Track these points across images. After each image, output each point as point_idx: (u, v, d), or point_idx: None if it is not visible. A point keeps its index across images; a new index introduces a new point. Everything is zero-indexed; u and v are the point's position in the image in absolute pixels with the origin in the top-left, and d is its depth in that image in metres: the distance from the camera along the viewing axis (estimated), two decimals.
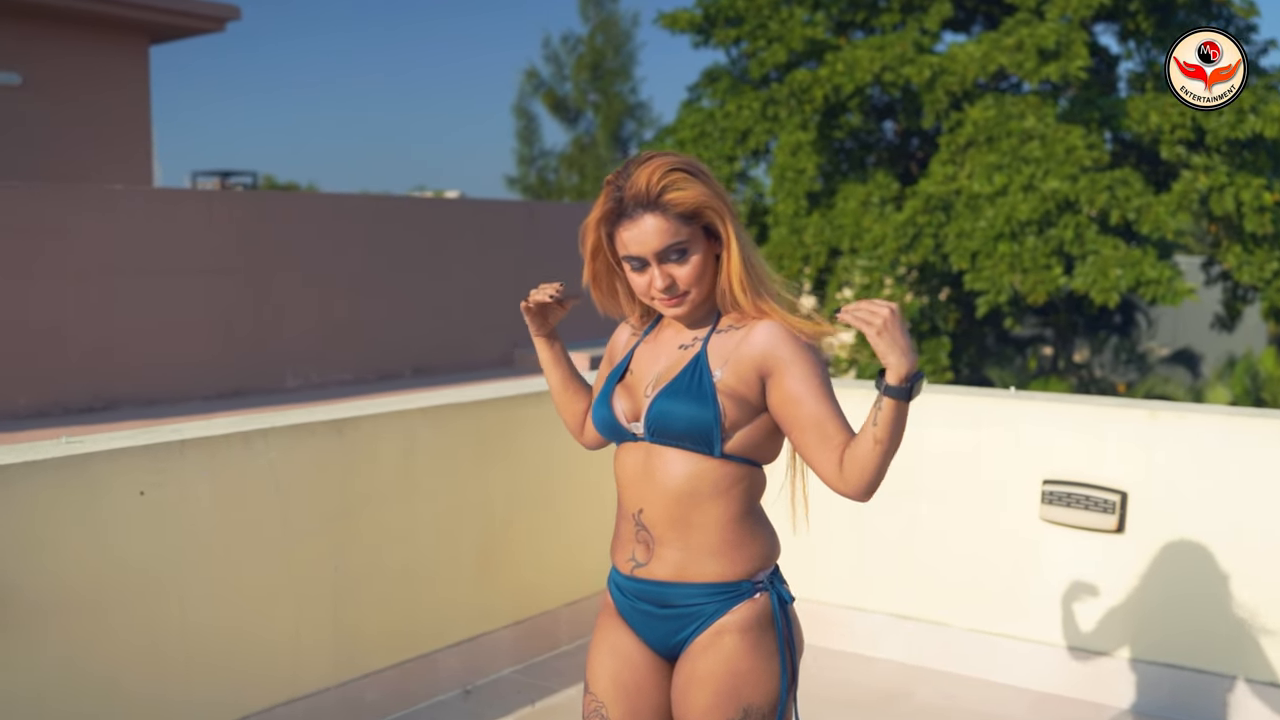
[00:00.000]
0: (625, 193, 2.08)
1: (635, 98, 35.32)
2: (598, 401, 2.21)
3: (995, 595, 4.19)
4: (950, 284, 16.90)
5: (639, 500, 2.14)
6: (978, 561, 4.21)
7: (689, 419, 2.06)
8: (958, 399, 4.24)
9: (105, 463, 3.09)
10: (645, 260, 2.08)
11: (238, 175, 29.46)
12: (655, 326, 2.27)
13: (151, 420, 7.22)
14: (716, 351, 2.12)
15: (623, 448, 2.18)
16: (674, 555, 2.11)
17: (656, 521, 2.12)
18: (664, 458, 2.11)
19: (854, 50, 16.75)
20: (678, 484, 2.10)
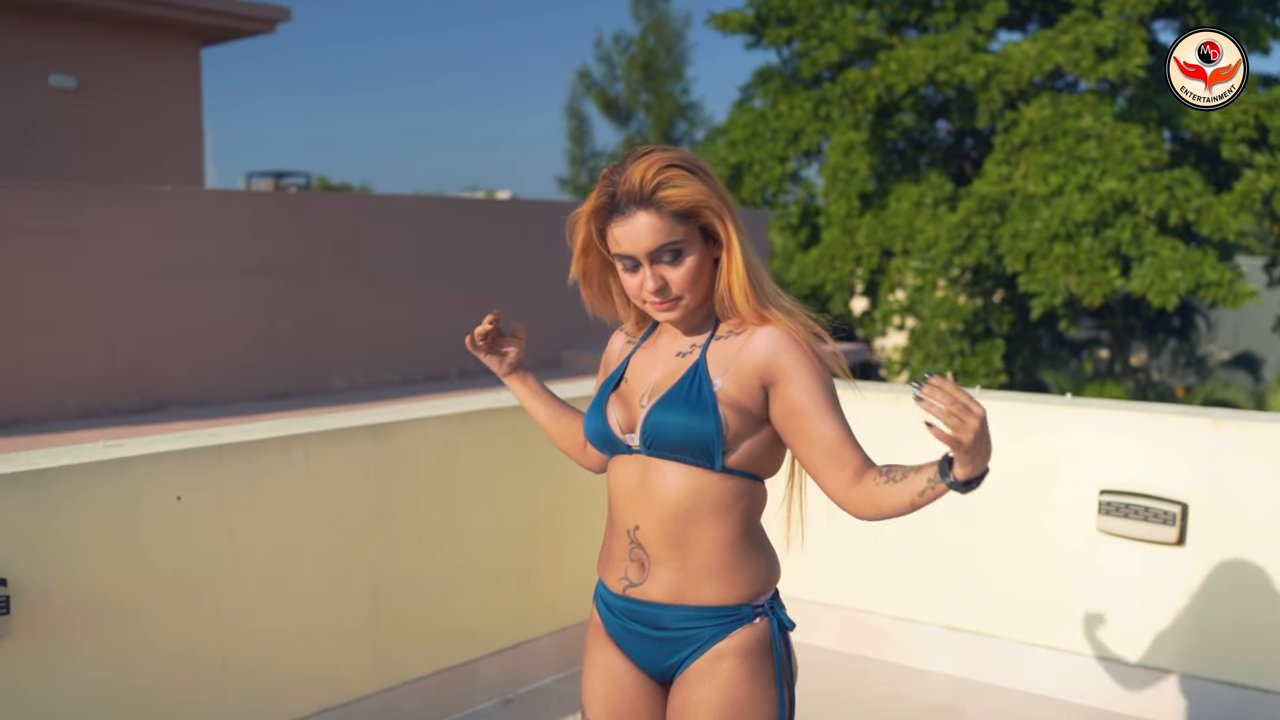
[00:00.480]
0: (619, 187, 1.96)
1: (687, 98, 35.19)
2: (590, 411, 2.10)
3: (1050, 608, 4.07)
4: (1004, 286, 16.69)
5: (634, 516, 2.02)
6: (1032, 573, 4.09)
7: (688, 430, 1.95)
8: (1012, 405, 4.13)
9: (143, 467, 3.06)
10: (637, 260, 1.97)
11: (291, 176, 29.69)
12: (651, 333, 2.16)
13: (198, 422, 7.24)
14: (716, 359, 2.01)
15: (617, 460, 2.07)
16: (670, 576, 1.99)
17: (653, 540, 2.00)
18: (661, 471, 1.99)
19: (907, 49, 16.59)
20: (676, 500, 1.98)
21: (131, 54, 11.59)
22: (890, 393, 4.40)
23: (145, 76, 11.70)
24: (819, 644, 4.49)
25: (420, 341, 9.71)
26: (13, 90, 10.90)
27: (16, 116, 10.89)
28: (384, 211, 9.99)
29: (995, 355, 16.18)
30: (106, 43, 11.41)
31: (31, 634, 2.85)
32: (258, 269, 8.73)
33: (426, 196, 10.74)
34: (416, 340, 9.68)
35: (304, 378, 8.83)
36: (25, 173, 10.60)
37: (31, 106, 11.00)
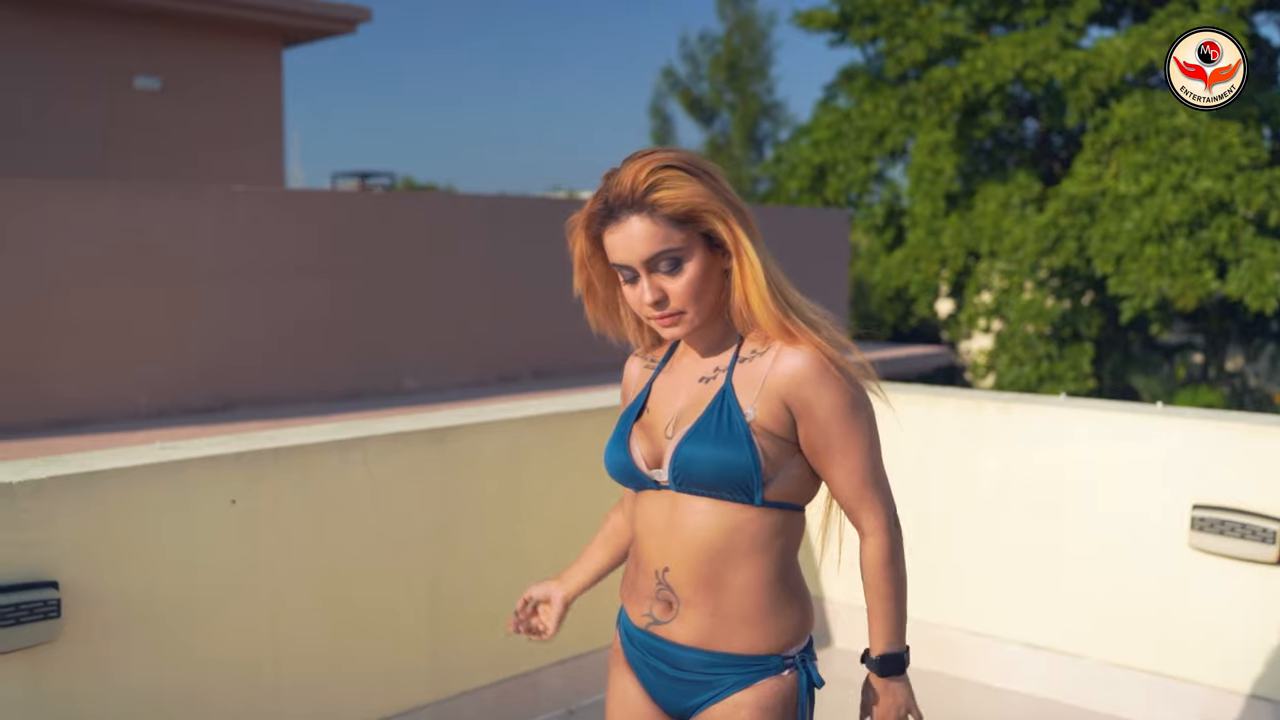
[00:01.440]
0: (610, 192, 1.80)
1: (771, 97, 34.93)
2: (612, 443, 1.93)
3: (1138, 628, 3.87)
4: (1094, 288, 16.35)
5: (663, 556, 1.85)
6: (1120, 590, 3.90)
7: (722, 465, 1.78)
8: (1100, 414, 3.93)
9: (197, 470, 3.01)
10: (635, 270, 1.80)
11: (376, 176, 29.97)
12: (671, 355, 1.98)
13: (267, 422, 7.25)
14: (743, 383, 1.83)
15: (643, 496, 1.90)
16: (700, 620, 1.83)
17: (683, 583, 1.84)
18: (693, 509, 1.82)
19: (995, 46, 16.30)
20: (710, 539, 1.81)
21: (214, 55, 11.74)
22: (967, 398, 4.23)
23: (228, 78, 11.84)
24: None
25: (494, 342, 9.68)
26: (99, 92, 11.09)
27: (102, 118, 11.08)
28: (457, 212, 9.98)
29: (1084, 359, 15.84)
30: (190, 45, 11.56)
31: (83, 638, 2.81)
32: (330, 269, 8.75)
33: (500, 197, 10.70)
34: (490, 341, 9.66)
35: (376, 379, 8.83)
36: (110, 174, 10.78)
37: (117, 108, 11.18)
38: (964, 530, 4.19)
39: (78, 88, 10.96)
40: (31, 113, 10.71)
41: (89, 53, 11.03)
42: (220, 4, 11.23)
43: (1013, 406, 4.02)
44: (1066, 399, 4.07)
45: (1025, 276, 15.93)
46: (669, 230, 1.78)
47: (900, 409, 4.28)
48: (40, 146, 10.70)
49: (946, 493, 4.21)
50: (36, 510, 2.74)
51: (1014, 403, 4.04)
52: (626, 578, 1.97)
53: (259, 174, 11.97)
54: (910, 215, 18.10)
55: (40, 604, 2.71)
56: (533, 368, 9.75)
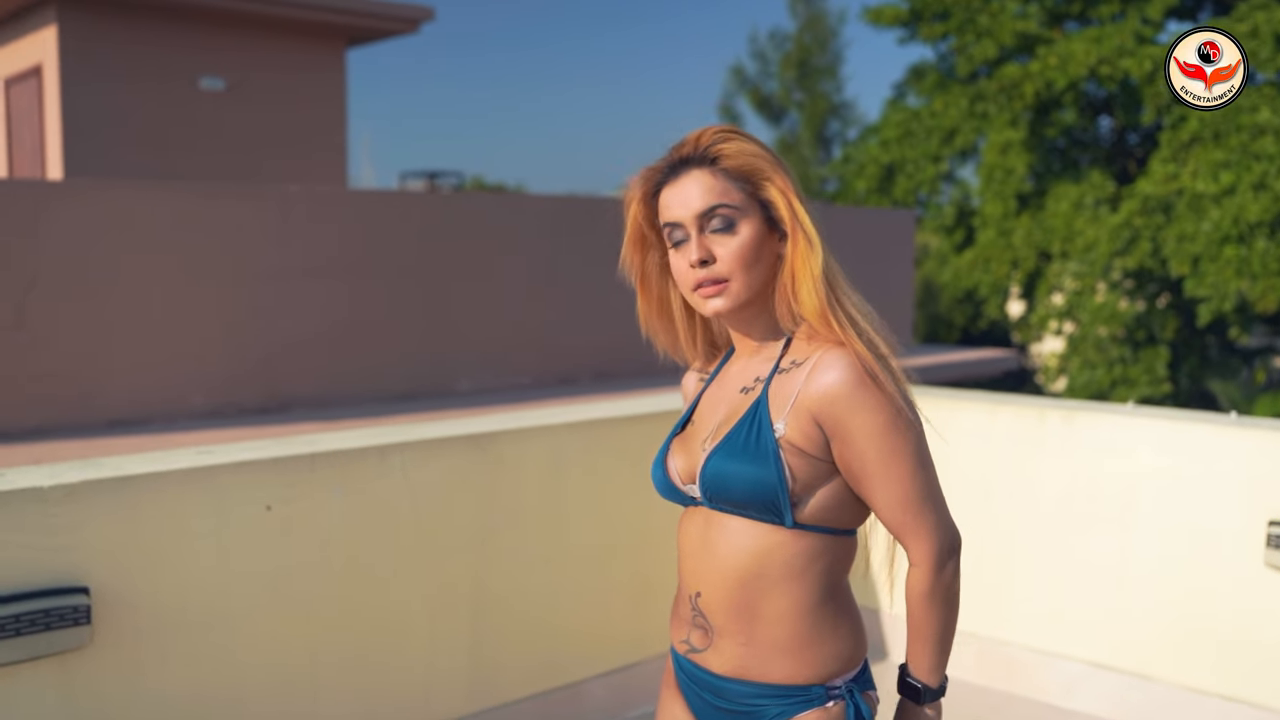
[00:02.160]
0: (674, 153, 1.72)
1: (840, 96, 34.62)
2: (656, 458, 1.83)
3: (1210, 649, 3.70)
4: (1169, 290, 15.99)
5: (696, 580, 1.73)
6: (1191, 609, 3.72)
7: (748, 482, 1.65)
8: (1169, 424, 3.76)
9: (232, 475, 2.96)
10: (685, 230, 1.68)
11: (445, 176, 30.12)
12: (723, 366, 1.85)
13: (319, 424, 7.24)
14: (778, 396, 1.68)
15: (684, 513, 1.80)
16: (735, 650, 1.71)
17: (715, 610, 1.71)
18: (725, 528, 1.70)
19: (1068, 43, 16.01)
20: (741, 563, 1.68)
21: (278, 56, 11.81)
22: (1028, 406, 4.07)
23: (291, 78, 11.91)
24: (950, 674, 4.18)
25: (552, 344, 9.61)
26: (164, 93, 11.20)
27: (167, 119, 11.19)
28: (516, 212, 9.92)
29: (1159, 363, 15.49)
30: (254, 45, 11.65)
31: (115, 644, 2.77)
32: (386, 269, 8.73)
33: (558, 196, 10.64)
34: (548, 342, 9.59)
35: (431, 380, 8.79)
36: (175, 174, 10.88)
37: (182, 109, 11.28)
38: (1025, 543, 4.03)
39: (142, 89, 11.07)
40: (97, 113, 10.84)
41: (154, 54, 11.15)
42: (283, 4, 11.30)
43: (1076, 415, 3.86)
44: (1133, 407, 3.90)
45: (1098, 278, 15.62)
46: (728, 185, 1.68)
47: (958, 416, 4.14)
48: (106, 147, 10.84)
49: (1007, 504, 4.06)
50: (68, 515, 2.70)
51: (1078, 411, 3.88)
52: (674, 604, 1.85)
53: (322, 174, 12.02)
54: (980, 215, 17.84)
55: (70, 610, 2.67)
56: (593, 370, 9.67)
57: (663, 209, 1.72)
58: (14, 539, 2.63)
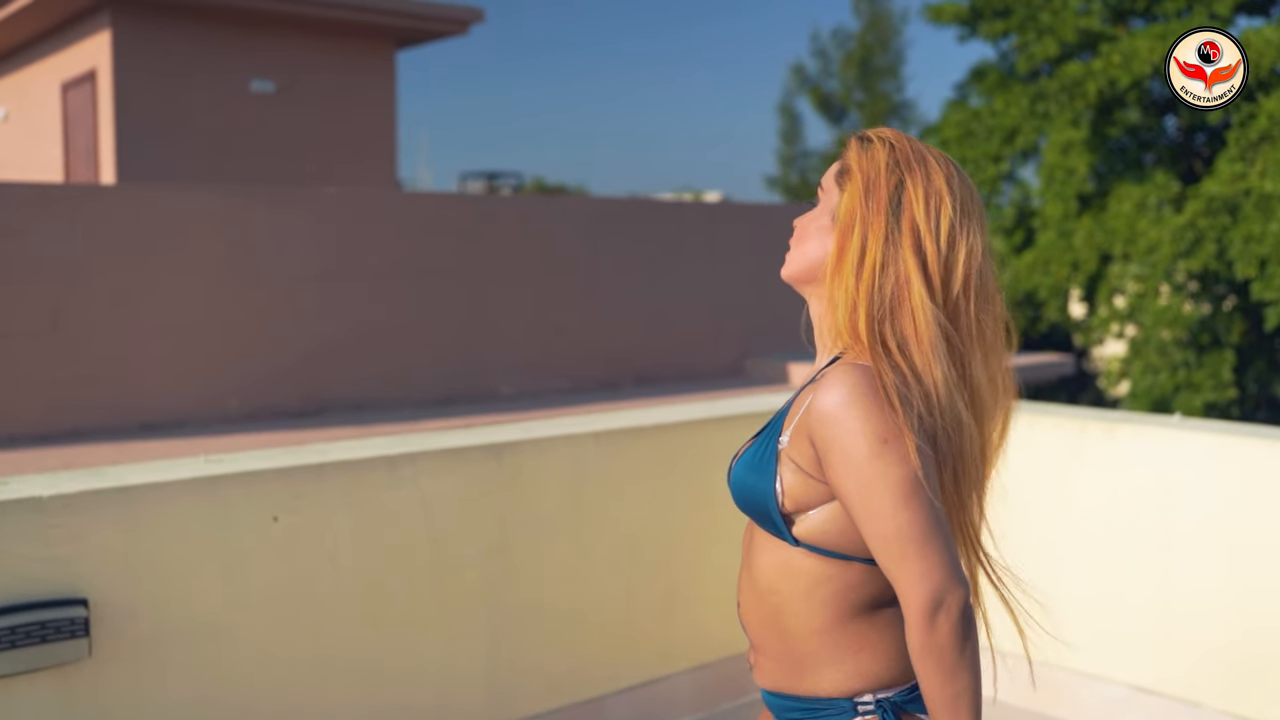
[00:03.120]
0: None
1: (901, 96, 34.32)
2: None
3: (1262, 675, 3.52)
4: (1235, 292, 15.59)
5: (739, 591, 1.74)
6: (1241, 633, 3.55)
7: (748, 492, 1.63)
8: (1219, 438, 3.59)
9: (237, 486, 2.89)
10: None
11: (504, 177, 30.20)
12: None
13: (355, 428, 7.20)
14: (795, 409, 1.62)
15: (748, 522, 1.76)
16: (771, 665, 1.66)
17: (751, 622, 1.69)
18: (755, 541, 1.69)
19: (1132, 40, 15.68)
20: (764, 576, 1.64)
21: (328, 58, 11.83)
22: (1069, 416, 3.91)
23: (341, 80, 11.92)
24: (990, 695, 4.03)
25: (594, 348, 9.51)
26: (215, 96, 11.26)
27: (218, 122, 11.24)
28: (559, 214, 9.84)
29: (1224, 368, 15.12)
30: (304, 47, 11.67)
31: (114, 657, 2.71)
32: (426, 271, 8.68)
33: (601, 198, 10.54)
34: (590, 346, 9.48)
35: (470, 383, 8.73)
36: (226, 177, 10.93)
37: (232, 112, 11.33)
38: (1066, 559, 3.88)
39: (194, 92, 11.14)
40: (150, 117, 10.92)
41: (205, 57, 11.22)
42: (333, 6, 11.31)
43: (1119, 427, 3.70)
44: (1180, 420, 3.73)
45: (1161, 280, 15.28)
46: (835, 174, 1.68)
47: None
48: (159, 151, 10.91)
49: (1046, 519, 3.91)
50: (67, 525, 2.65)
51: (1120, 423, 3.72)
52: None
53: (372, 176, 12.03)
54: (1040, 216, 17.54)
55: (67, 622, 2.62)
56: (635, 374, 9.56)
57: None
58: (11, 549, 2.59)
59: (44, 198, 7.23)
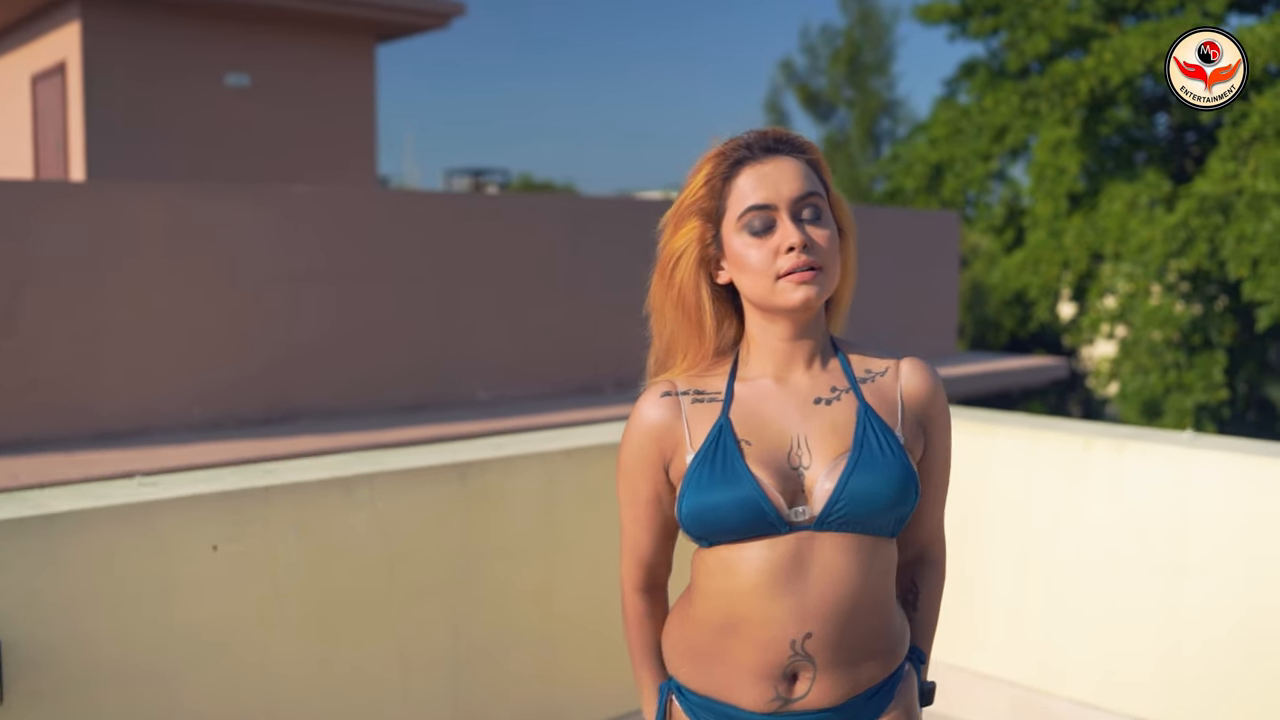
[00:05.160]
0: (751, 139, 1.65)
1: (891, 94, 34.15)
2: (726, 481, 1.60)
3: (1277, 711, 3.30)
4: (1227, 293, 15.47)
5: (800, 620, 1.59)
6: (1254, 666, 3.33)
7: (894, 495, 1.60)
8: (1234, 456, 3.36)
9: (172, 512, 2.65)
10: (773, 210, 1.60)
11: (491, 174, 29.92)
12: (735, 379, 1.69)
13: (326, 437, 6.94)
14: (878, 404, 1.67)
15: (749, 547, 1.61)
16: (842, 677, 1.64)
17: (829, 644, 1.60)
18: (836, 550, 1.60)
19: (1124, 38, 15.54)
20: (859, 584, 1.61)
21: (305, 52, 11.55)
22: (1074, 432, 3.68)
23: (319, 75, 11.64)
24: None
25: (573, 351, 9.22)
26: (188, 91, 10.96)
27: (192, 117, 10.95)
28: (539, 213, 9.58)
29: (1215, 368, 14.99)
30: (281, 41, 11.39)
31: (32, 704, 2.46)
32: (399, 273, 8.38)
33: (584, 197, 10.30)
34: (569, 350, 9.19)
35: (445, 389, 8.44)
36: (200, 173, 10.65)
37: (207, 107, 11.04)
38: (1069, 585, 3.65)
39: (167, 86, 10.85)
40: (121, 111, 10.63)
41: (178, 50, 10.91)
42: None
43: (1127, 444, 3.47)
44: (1191, 436, 3.51)
45: (1152, 280, 15.15)
46: (815, 180, 1.64)
47: (996, 443, 3.77)
48: (130, 146, 10.62)
49: (1049, 541, 3.68)
50: None
51: (1129, 440, 3.49)
52: (706, 658, 1.68)
53: (351, 173, 11.75)
54: (1031, 215, 17.41)
55: None
56: (615, 379, 9.30)
57: (742, 191, 1.62)
58: None
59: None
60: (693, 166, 1.68)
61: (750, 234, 1.61)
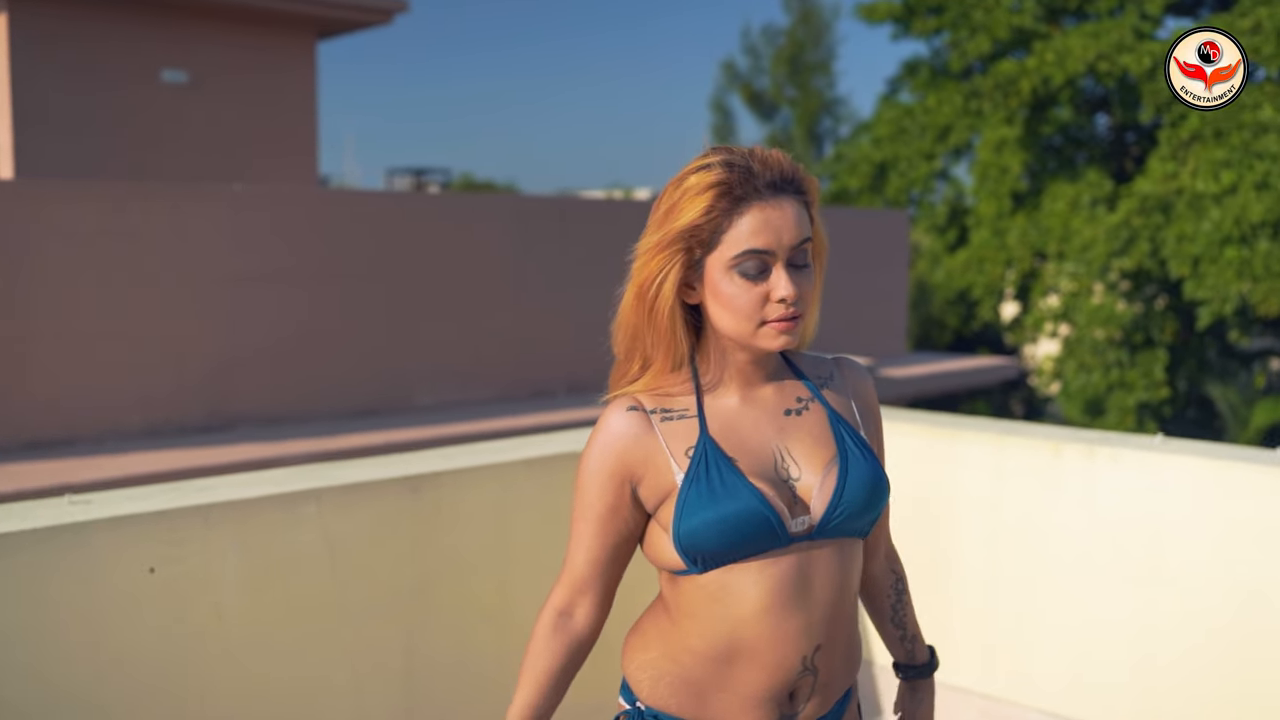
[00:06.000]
0: (756, 164, 1.57)
1: (832, 93, 34.30)
2: (728, 496, 1.58)
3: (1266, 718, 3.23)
4: (1168, 292, 15.62)
5: (809, 635, 1.61)
6: (1229, 678, 3.26)
7: (882, 494, 1.67)
8: (1209, 461, 3.28)
9: (106, 533, 2.49)
10: (770, 258, 1.57)
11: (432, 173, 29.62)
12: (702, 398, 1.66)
13: (267, 444, 6.75)
14: (838, 406, 1.72)
15: (751, 566, 1.59)
16: (836, 682, 1.69)
17: (835, 658, 1.66)
18: (830, 558, 1.63)
19: (1065, 38, 15.65)
20: (850, 590, 1.67)
21: (245, 48, 11.28)
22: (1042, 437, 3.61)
23: (259, 71, 11.38)
24: None
25: (521, 354, 9.07)
26: (123, 87, 10.65)
27: (127, 114, 10.65)
28: (483, 212, 9.40)
29: (1156, 367, 15.13)
30: (219, 37, 11.12)
31: None
32: (338, 274, 8.17)
33: (530, 196, 10.14)
34: (516, 352, 9.03)
35: (389, 394, 8.24)
36: (136, 172, 10.36)
37: (142, 103, 10.74)
38: (1040, 594, 3.57)
39: (100, 82, 10.54)
40: (51, 108, 10.31)
41: (112, 45, 10.61)
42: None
43: (1098, 449, 3.39)
44: (1163, 440, 3.44)
45: (1095, 279, 15.27)
46: (808, 223, 1.62)
47: (960, 449, 3.68)
48: (61, 144, 10.31)
49: (1017, 551, 3.60)
50: None
51: (1099, 445, 3.41)
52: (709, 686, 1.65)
53: (292, 172, 11.51)
54: (974, 215, 17.50)
55: None
56: (566, 382, 9.15)
57: (741, 233, 1.57)
58: None
59: None
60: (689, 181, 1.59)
61: (742, 276, 1.58)
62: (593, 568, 1.73)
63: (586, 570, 1.74)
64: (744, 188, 1.57)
